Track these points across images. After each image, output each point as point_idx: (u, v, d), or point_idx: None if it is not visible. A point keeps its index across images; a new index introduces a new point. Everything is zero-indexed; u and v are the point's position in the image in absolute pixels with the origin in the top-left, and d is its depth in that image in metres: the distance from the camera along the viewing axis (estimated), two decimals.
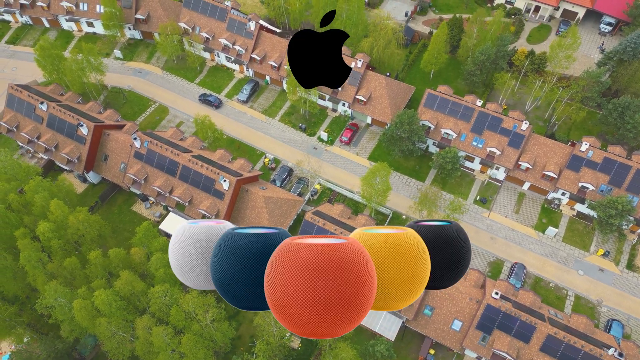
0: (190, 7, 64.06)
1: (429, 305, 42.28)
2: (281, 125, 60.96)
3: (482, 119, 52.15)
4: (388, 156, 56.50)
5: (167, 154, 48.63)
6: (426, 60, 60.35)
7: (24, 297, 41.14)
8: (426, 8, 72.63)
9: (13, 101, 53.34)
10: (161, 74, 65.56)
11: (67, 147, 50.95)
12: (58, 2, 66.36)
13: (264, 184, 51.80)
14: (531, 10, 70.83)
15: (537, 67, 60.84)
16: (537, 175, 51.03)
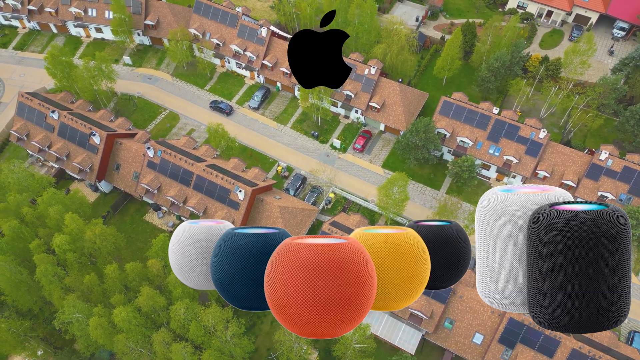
0: (200, 13, 63.42)
1: (449, 317, 41.65)
2: (293, 133, 60.33)
3: (498, 126, 51.55)
4: (403, 164, 55.89)
5: (181, 163, 47.99)
6: (439, 66, 59.73)
7: (37, 310, 40.48)
8: (437, 13, 72.02)
9: (23, 109, 52.68)
10: (171, 81, 64.92)
11: (79, 156, 50.28)
12: (66, 8, 65.71)
13: (278, 193, 51.18)
14: (543, 15, 70.24)
15: (551, 73, 60.25)
16: (555, 184, 50.36)
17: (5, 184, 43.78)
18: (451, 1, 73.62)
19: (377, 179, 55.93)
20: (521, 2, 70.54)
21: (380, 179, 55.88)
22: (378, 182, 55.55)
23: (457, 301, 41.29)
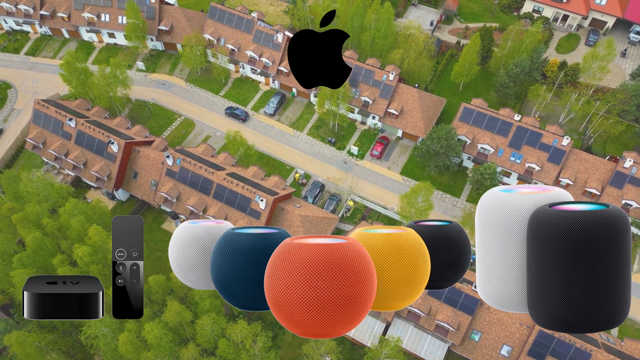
0: (215, 19, 62.84)
1: (476, 329, 41.08)
2: (309, 139, 59.74)
3: (520, 133, 50.99)
4: (422, 171, 55.33)
5: (201, 172, 47.40)
6: (457, 71, 59.19)
7: (58, 322, 39.86)
8: (451, 17, 71.47)
9: (39, 117, 52.07)
10: (185, 86, 64.33)
11: (96, 164, 49.67)
12: (79, 13, 65.13)
13: (297, 202, 50.60)
14: (559, 19, 69.72)
15: (570, 78, 59.71)
16: (578, 192, 49.85)
17: (24, 194, 43.17)
18: (465, 5, 73.11)
19: (396, 186, 55.36)
20: (537, 6, 70.03)
21: (399, 186, 55.34)
22: (397, 189, 55.01)
23: (485, 312, 40.72)
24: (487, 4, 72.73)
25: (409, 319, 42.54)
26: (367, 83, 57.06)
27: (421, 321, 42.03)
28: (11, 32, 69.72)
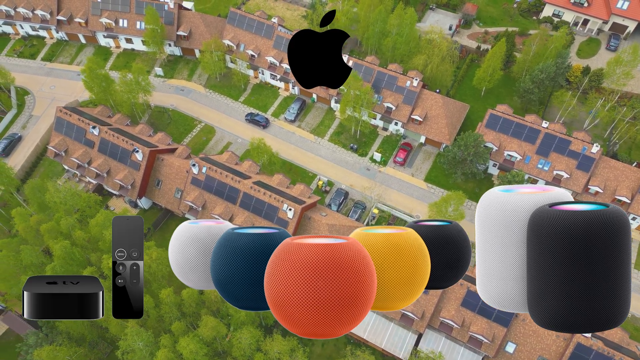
0: (235, 24, 62.31)
1: (511, 341, 40.48)
2: (331, 146, 59.19)
3: (548, 140, 50.42)
4: (447, 178, 54.76)
5: (227, 180, 46.84)
6: (480, 77, 58.65)
7: (87, 334, 39.28)
8: (470, 21, 70.92)
9: (62, 125, 51.53)
10: (204, 92, 63.79)
11: (120, 172, 49.12)
12: (97, 19, 64.61)
13: (322, 210, 50.02)
14: (579, 24, 69.15)
15: (594, 84, 59.16)
16: (607, 200, 49.24)
17: (50, 204, 42.59)
18: (484, 9, 72.57)
19: (420, 193, 54.80)
20: (557, 11, 69.48)
21: (423, 193, 54.78)
22: (421, 197, 54.46)
23: (520, 324, 40.14)
24: (506, 8, 72.19)
25: (442, 330, 41.97)
26: (390, 89, 56.52)
27: (454, 332, 41.45)
28: (27, 37, 69.23)
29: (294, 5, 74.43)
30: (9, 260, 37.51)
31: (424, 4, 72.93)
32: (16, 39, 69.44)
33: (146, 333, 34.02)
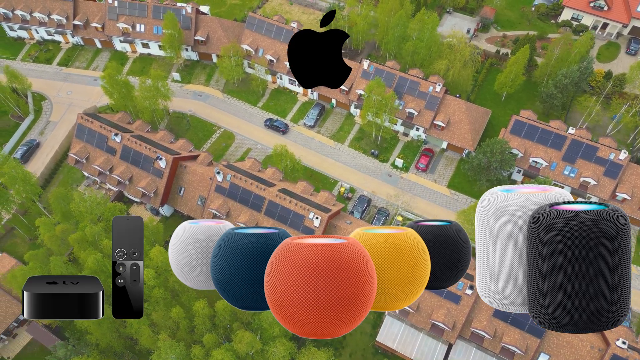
0: (253, 29, 61.81)
1: (544, 352, 39.94)
2: (351, 151, 58.67)
3: (575, 147, 49.89)
4: (471, 185, 54.23)
5: (252, 188, 46.35)
6: (501, 82, 58.16)
7: (116, 345, 38.77)
8: (488, 25, 70.42)
9: (83, 131, 51.04)
10: (222, 98, 63.28)
11: (142, 180, 48.62)
12: (113, 24, 64.13)
13: (347, 217, 49.51)
14: (598, 28, 68.65)
15: (617, 89, 58.64)
16: (635, 207, 48.74)
17: (75, 213, 42.09)
18: (502, 13, 72.07)
19: (443, 200, 54.27)
20: (575, 14, 68.98)
21: (447, 200, 54.26)
22: (445, 204, 53.94)
23: (554, 335, 39.59)
24: (524, 12, 71.69)
25: (472, 341, 41.43)
26: (412, 94, 56.02)
27: (485, 343, 40.92)
28: (42, 42, 68.77)
29: (309, 9, 73.97)
30: (37, 272, 36.99)
31: (441, 7, 72.43)
32: (31, 44, 68.97)
33: (178, 346, 33.54)
